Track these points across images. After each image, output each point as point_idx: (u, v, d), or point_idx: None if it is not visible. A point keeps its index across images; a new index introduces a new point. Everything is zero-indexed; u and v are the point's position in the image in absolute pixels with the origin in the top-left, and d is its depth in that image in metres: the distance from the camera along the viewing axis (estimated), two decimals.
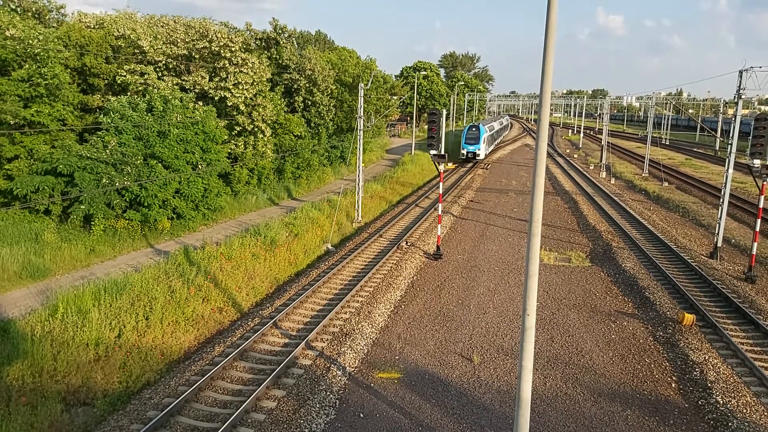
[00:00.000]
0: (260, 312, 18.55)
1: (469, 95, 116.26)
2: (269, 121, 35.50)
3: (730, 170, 24.88)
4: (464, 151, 58.27)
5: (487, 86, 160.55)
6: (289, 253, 24.91)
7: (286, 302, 19.18)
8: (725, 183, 25.26)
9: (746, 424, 12.12)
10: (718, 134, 63.94)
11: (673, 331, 16.98)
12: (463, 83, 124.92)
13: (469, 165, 58.61)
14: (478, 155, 58.06)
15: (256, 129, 34.38)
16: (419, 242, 26.75)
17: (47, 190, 23.42)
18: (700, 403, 13.24)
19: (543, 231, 27.02)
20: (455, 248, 26.41)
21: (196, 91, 31.94)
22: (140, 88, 29.33)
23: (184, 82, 31.90)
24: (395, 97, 63.53)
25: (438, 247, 25.17)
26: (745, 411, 12.61)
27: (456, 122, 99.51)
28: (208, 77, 32.49)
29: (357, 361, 15.01)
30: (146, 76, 29.54)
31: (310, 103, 43.71)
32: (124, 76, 29.15)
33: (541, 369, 14.60)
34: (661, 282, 21.49)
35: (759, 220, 22.64)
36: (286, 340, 16.20)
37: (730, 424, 12.18)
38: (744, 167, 42.92)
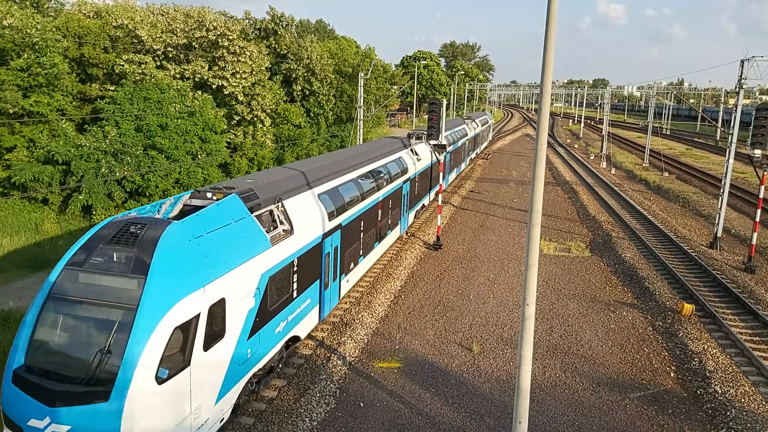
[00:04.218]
0: None
1: (470, 85, 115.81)
2: (268, 111, 35.38)
3: (731, 160, 24.83)
4: None
5: (487, 76, 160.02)
6: None
7: None
8: (726, 173, 25.22)
9: (744, 413, 12.18)
10: (719, 124, 63.77)
11: (672, 320, 17.04)
12: (463, 73, 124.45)
13: None
14: None
15: (255, 119, 34.27)
16: (419, 232, 26.76)
17: (46, 180, 23.38)
18: (698, 392, 13.31)
19: (543, 221, 27.01)
20: (455, 238, 26.42)
21: (196, 80, 31.80)
22: (138, 78, 29.21)
23: (184, 71, 31.78)
24: (395, 87, 62.96)
25: (438, 237, 25.18)
26: (743, 400, 12.69)
27: (456, 112, 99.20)
28: (207, 66, 32.35)
29: (357, 351, 15.06)
30: (143, 66, 29.40)
31: (308, 92, 43.55)
32: (123, 65, 29.02)
33: (540, 358, 14.67)
34: (661, 272, 21.52)
35: (759, 210, 22.63)
36: None
37: (728, 413, 12.24)
38: (745, 157, 42.85)
